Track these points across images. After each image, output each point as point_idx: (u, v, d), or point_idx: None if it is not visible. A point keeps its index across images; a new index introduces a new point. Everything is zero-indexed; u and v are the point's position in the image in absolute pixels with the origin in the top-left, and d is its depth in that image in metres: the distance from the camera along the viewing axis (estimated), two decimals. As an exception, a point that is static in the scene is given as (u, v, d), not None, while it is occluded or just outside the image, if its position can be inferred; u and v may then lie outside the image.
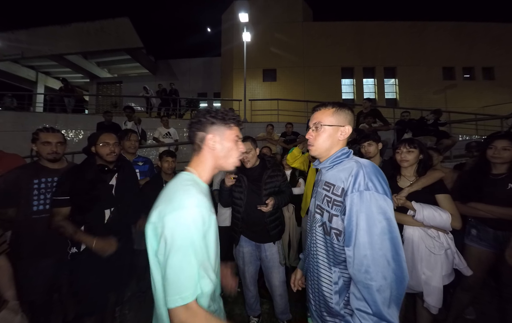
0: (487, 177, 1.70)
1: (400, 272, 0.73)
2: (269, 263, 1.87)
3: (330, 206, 0.90)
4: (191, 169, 0.86)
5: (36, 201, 1.58)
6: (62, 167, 1.74)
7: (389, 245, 0.74)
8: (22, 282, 1.48)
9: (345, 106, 0.98)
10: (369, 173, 0.82)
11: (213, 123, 0.84)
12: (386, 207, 0.78)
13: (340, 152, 0.95)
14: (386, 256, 0.73)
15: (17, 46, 11.26)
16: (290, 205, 2.70)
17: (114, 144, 1.63)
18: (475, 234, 1.75)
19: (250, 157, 1.81)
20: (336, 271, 0.89)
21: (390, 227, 0.76)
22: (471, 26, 11.17)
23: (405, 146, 1.63)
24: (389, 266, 0.73)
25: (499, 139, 1.67)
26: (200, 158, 0.86)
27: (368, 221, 0.76)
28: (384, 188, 0.81)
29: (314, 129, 0.99)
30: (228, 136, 0.86)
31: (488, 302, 2.23)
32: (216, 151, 0.85)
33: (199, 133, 0.85)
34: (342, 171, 0.89)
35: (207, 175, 0.87)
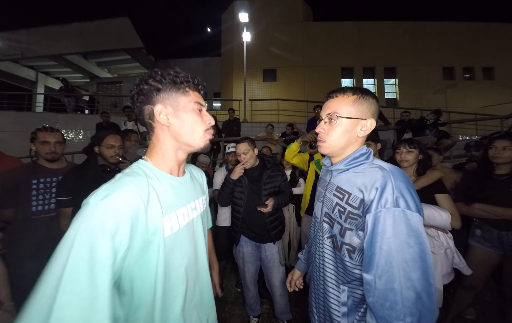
0: (490, 177, 1.70)
1: (431, 305, 0.61)
2: (269, 263, 1.87)
3: (343, 218, 0.75)
4: (145, 157, 0.67)
5: (35, 201, 1.57)
6: (61, 167, 1.73)
7: (420, 275, 0.61)
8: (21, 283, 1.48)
9: (369, 94, 0.78)
10: (399, 185, 0.66)
11: (160, 90, 0.63)
12: (419, 228, 0.63)
13: (359, 153, 0.77)
14: (415, 288, 0.60)
15: (17, 46, 11.26)
16: (291, 205, 2.70)
17: (119, 147, 1.64)
18: (479, 235, 1.74)
19: (248, 158, 1.81)
20: (345, 290, 0.77)
21: (422, 254, 0.62)
22: (471, 26, 11.18)
23: (404, 147, 1.64)
24: (418, 300, 0.60)
25: (499, 139, 1.67)
26: (154, 140, 0.66)
27: (397, 246, 0.62)
28: (417, 205, 0.66)
29: (327, 121, 0.79)
30: (185, 105, 0.65)
31: (488, 302, 2.23)
32: (173, 127, 0.64)
33: (145, 108, 0.64)
34: (360, 176, 0.73)
35: (168, 160, 0.67)
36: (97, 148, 1.61)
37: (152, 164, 0.65)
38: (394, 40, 11.13)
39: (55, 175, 1.66)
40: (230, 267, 2.85)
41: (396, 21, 11.33)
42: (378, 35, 11.16)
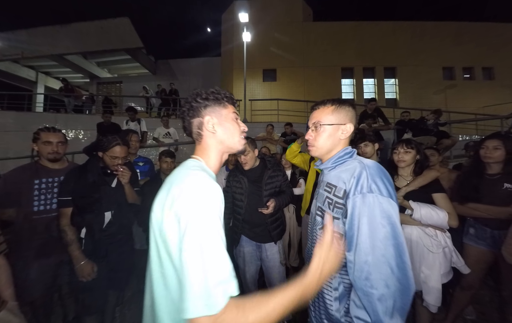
0: (483, 177, 1.72)
1: (405, 281, 0.68)
2: (269, 263, 1.88)
3: (331, 208, 0.85)
4: (197, 156, 0.78)
5: (36, 201, 1.58)
6: (63, 167, 1.74)
7: (393, 251, 0.69)
8: (23, 283, 1.49)
9: (345, 103, 0.93)
10: (372, 174, 0.77)
11: (207, 106, 0.77)
12: (391, 210, 0.72)
13: (343, 152, 0.90)
14: (389, 263, 0.68)
15: (17, 46, 11.26)
16: (291, 205, 2.70)
17: (123, 158, 1.63)
18: (473, 233, 1.77)
19: (248, 159, 1.81)
20: (336, 276, 0.84)
21: (394, 232, 0.71)
22: (471, 26, 11.18)
23: (402, 147, 1.65)
24: (392, 273, 0.67)
25: (490, 139, 1.70)
26: (203, 145, 0.79)
27: (371, 225, 0.71)
28: (389, 190, 0.75)
29: (313, 129, 0.94)
30: (226, 115, 0.79)
31: (488, 302, 2.23)
32: (218, 134, 0.77)
33: (194, 121, 0.78)
34: (344, 171, 0.84)
35: (215, 161, 0.79)
36: (101, 153, 1.60)
37: (204, 164, 0.78)
38: (394, 40, 11.13)
39: (57, 175, 1.67)
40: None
41: (396, 21, 11.33)
42: (378, 35, 11.16)
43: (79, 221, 1.50)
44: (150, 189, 2.12)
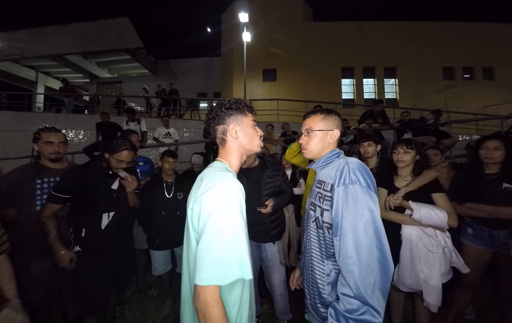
0: (481, 177, 1.72)
1: (384, 261, 0.76)
2: (269, 263, 1.88)
3: (322, 201, 0.96)
4: (221, 159, 0.90)
5: (39, 201, 1.59)
6: (63, 167, 1.74)
7: (372, 233, 0.78)
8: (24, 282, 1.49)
9: (332, 112, 1.07)
10: (353, 168, 0.87)
11: (231, 115, 0.89)
12: (369, 199, 0.82)
13: (331, 153, 1.02)
14: (370, 244, 0.77)
15: (17, 46, 11.27)
16: (290, 205, 2.69)
17: (128, 163, 1.64)
18: (471, 233, 1.77)
19: (247, 159, 1.81)
20: (328, 263, 0.94)
21: (373, 218, 0.80)
22: (471, 26, 11.18)
23: (402, 147, 1.65)
24: (373, 254, 0.76)
25: (490, 140, 1.70)
26: (227, 149, 0.90)
27: (352, 212, 0.81)
28: (368, 182, 0.85)
29: (306, 134, 1.07)
30: (246, 123, 0.91)
31: (488, 302, 2.23)
32: (240, 139, 0.89)
33: (219, 127, 0.90)
34: (332, 169, 0.96)
35: (236, 163, 0.91)
36: (108, 155, 1.60)
37: (228, 165, 0.89)
38: (394, 40, 11.13)
39: (58, 174, 1.67)
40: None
41: (396, 21, 11.34)
42: (378, 35, 11.16)
43: (74, 221, 1.50)
44: (150, 188, 2.12)
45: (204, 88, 13.94)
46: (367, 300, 0.72)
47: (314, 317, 1.03)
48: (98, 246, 1.52)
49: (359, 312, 0.73)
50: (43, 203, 1.59)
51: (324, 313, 0.96)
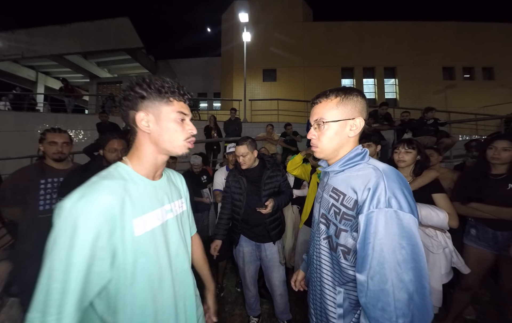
0: (487, 177, 1.70)
1: (425, 308, 0.60)
2: (269, 263, 1.88)
3: (338, 219, 0.75)
4: (126, 158, 0.71)
5: (42, 201, 1.61)
6: (67, 167, 1.78)
7: (412, 276, 0.61)
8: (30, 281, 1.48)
9: (353, 92, 0.78)
10: (391, 185, 0.65)
11: (144, 98, 0.66)
12: (412, 229, 0.63)
13: (354, 153, 0.77)
14: (408, 289, 0.60)
15: (17, 46, 11.27)
16: (295, 206, 2.67)
17: (121, 150, 1.67)
18: (474, 234, 1.75)
19: (247, 161, 1.81)
20: (341, 291, 0.77)
21: (415, 255, 0.62)
22: (471, 26, 11.18)
23: (403, 147, 1.64)
24: (411, 301, 0.60)
25: (499, 140, 1.66)
26: (136, 144, 0.70)
27: (388, 247, 0.62)
28: (411, 205, 0.65)
29: (316, 127, 0.80)
30: (167, 114, 0.67)
31: (488, 302, 2.23)
32: (153, 134, 0.67)
33: (130, 112, 0.67)
34: (355, 177, 0.73)
35: (147, 164, 0.70)
36: (101, 151, 1.66)
37: (131, 167, 0.69)
38: (394, 40, 11.13)
39: (62, 175, 1.70)
40: (230, 267, 2.85)
41: (396, 21, 11.33)
42: (378, 35, 11.16)
43: None
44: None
45: (204, 88, 13.94)
46: None
47: None
48: None
49: None
50: (46, 203, 1.61)
51: None
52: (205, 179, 2.98)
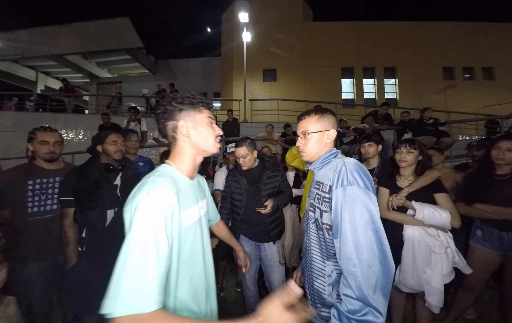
0: (491, 177, 1.69)
1: (385, 261, 0.76)
2: (268, 263, 1.87)
3: (321, 203, 0.95)
4: (170, 161, 0.82)
5: (30, 203, 1.54)
6: (59, 167, 1.70)
7: (372, 235, 0.78)
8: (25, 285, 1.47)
9: (327, 111, 1.05)
10: (351, 169, 0.86)
11: (182, 110, 0.79)
12: (368, 200, 0.82)
13: (328, 153, 1.01)
14: (370, 245, 0.77)
15: (17, 46, 11.27)
16: (294, 206, 2.69)
17: (121, 143, 1.65)
18: (480, 235, 1.73)
19: (247, 161, 1.81)
20: (329, 264, 0.94)
21: (372, 218, 0.80)
22: (471, 26, 11.18)
23: (405, 147, 1.64)
24: (373, 254, 0.76)
25: (503, 140, 1.65)
26: (177, 149, 0.82)
27: (352, 213, 0.80)
28: (366, 183, 0.85)
29: (302, 137, 1.05)
30: (201, 120, 0.82)
31: (488, 302, 2.23)
32: (192, 138, 0.80)
33: (169, 123, 0.80)
34: (330, 169, 0.94)
35: (188, 165, 0.83)
36: (100, 147, 1.60)
37: (175, 168, 0.81)
38: (394, 40, 11.12)
39: (52, 175, 1.64)
40: (230, 267, 2.85)
41: (396, 21, 11.33)
42: (378, 35, 11.16)
43: (82, 219, 1.49)
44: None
45: (204, 88, 13.93)
46: (369, 301, 0.72)
47: (315, 317, 1.02)
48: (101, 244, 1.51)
49: (361, 313, 0.73)
50: (35, 205, 1.55)
51: (324, 314, 0.96)
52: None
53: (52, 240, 1.55)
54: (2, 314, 1.00)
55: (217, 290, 2.43)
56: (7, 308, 1.03)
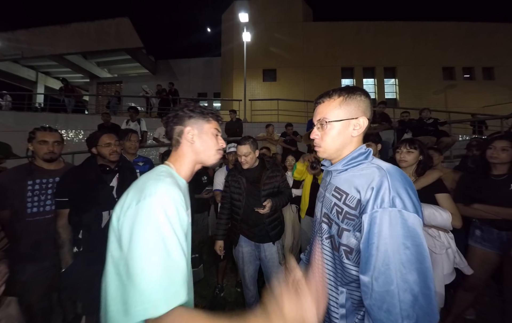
0: (488, 178, 1.69)
1: (430, 309, 0.59)
2: (268, 263, 1.87)
3: (341, 219, 0.75)
4: (169, 163, 0.84)
5: (30, 203, 1.53)
6: (59, 167, 1.70)
7: (417, 277, 0.59)
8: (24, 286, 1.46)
9: (356, 91, 0.78)
10: (395, 184, 0.65)
11: (191, 117, 0.82)
12: (416, 229, 0.62)
13: (357, 153, 0.77)
14: (412, 290, 0.59)
15: (17, 46, 11.26)
16: (294, 206, 2.69)
17: (115, 144, 1.62)
18: (479, 235, 1.74)
19: (249, 160, 1.81)
20: (343, 291, 0.76)
21: (419, 255, 0.61)
22: (471, 26, 11.17)
23: (405, 147, 1.63)
24: (416, 302, 0.59)
25: (498, 140, 1.66)
26: (179, 152, 0.83)
27: (393, 247, 0.61)
28: (415, 205, 0.64)
29: (319, 127, 0.81)
30: (207, 130, 0.84)
31: (488, 302, 2.23)
32: (195, 145, 0.82)
33: (176, 127, 0.82)
34: (358, 176, 0.73)
35: (186, 170, 0.84)
36: (95, 149, 1.59)
37: (175, 170, 0.82)
38: (394, 40, 11.12)
39: (52, 175, 1.63)
40: (230, 267, 2.85)
41: (396, 21, 11.32)
42: (378, 35, 11.15)
43: (76, 221, 1.49)
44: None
45: (204, 88, 13.93)
46: None
47: None
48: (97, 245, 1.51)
49: None
50: (34, 205, 1.55)
51: None
52: (205, 180, 2.98)
53: (51, 240, 1.55)
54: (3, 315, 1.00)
55: (217, 290, 2.44)
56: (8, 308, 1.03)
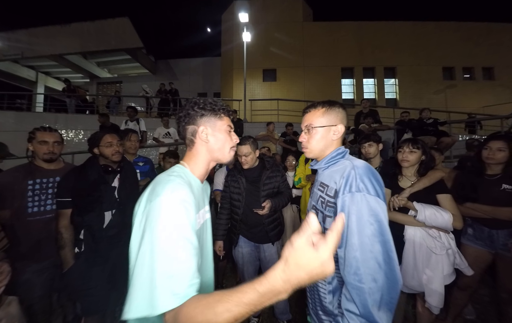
0: (482, 177, 1.72)
1: (392, 276, 0.71)
2: (268, 264, 1.87)
3: (324, 207, 0.89)
4: (184, 163, 0.83)
5: (30, 203, 1.54)
6: (59, 167, 1.70)
7: (380, 247, 0.72)
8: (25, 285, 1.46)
9: (335, 104, 0.96)
10: (361, 173, 0.80)
11: (203, 115, 0.81)
12: (378, 208, 0.75)
13: (335, 153, 0.94)
14: (377, 258, 0.71)
15: (17, 46, 11.26)
16: (295, 205, 2.69)
17: (117, 143, 1.62)
18: (471, 233, 1.78)
19: (249, 160, 1.81)
20: None
21: (381, 229, 0.74)
22: (471, 26, 11.17)
23: (408, 146, 1.62)
24: (380, 269, 0.71)
25: (494, 140, 1.68)
26: (193, 152, 0.83)
27: (359, 223, 0.75)
28: (376, 189, 0.78)
29: (306, 131, 0.98)
30: (220, 127, 0.83)
31: (488, 302, 2.23)
32: (210, 144, 0.81)
33: (189, 127, 0.81)
34: (336, 171, 0.88)
35: (202, 169, 0.83)
36: (97, 149, 1.59)
37: (189, 170, 0.81)
38: (394, 40, 11.11)
39: (52, 175, 1.63)
40: (230, 267, 2.85)
41: (396, 21, 11.32)
42: (378, 35, 11.15)
43: (79, 221, 1.49)
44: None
45: (204, 88, 13.92)
46: (373, 318, 0.68)
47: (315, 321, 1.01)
48: (99, 246, 1.51)
49: None
50: (35, 205, 1.55)
51: (324, 320, 0.93)
52: (205, 179, 2.98)
53: (52, 240, 1.54)
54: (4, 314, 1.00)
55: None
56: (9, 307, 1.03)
